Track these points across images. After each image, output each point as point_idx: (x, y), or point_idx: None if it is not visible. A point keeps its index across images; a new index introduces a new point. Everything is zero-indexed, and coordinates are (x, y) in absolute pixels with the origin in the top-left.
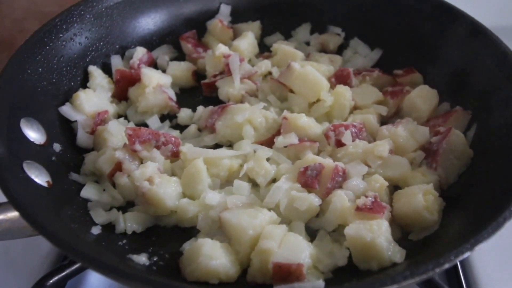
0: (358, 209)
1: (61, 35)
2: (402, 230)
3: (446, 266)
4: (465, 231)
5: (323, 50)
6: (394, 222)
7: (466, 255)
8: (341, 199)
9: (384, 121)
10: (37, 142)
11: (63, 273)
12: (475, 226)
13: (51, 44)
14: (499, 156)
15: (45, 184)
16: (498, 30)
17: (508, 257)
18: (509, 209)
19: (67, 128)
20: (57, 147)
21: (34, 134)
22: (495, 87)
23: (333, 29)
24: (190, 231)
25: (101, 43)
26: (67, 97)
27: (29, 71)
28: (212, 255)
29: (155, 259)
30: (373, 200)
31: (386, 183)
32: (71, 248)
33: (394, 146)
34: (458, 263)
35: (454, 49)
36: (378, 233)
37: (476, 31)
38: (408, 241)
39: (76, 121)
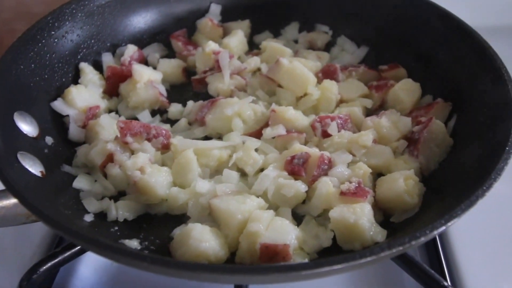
0: (342, 193)
1: (53, 32)
2: (384, 213)
3: (422, 239)
4: (442, 211)
5: (311, 47)
6: (377, 206)
7: (440, 229)
8: (326, 184)
9: (369, 113)
10: (30, 135)
11: (56, 260)
12: (451, 205)
13: (43, 41)
14: (476, 143)
15: (39, 174)
16: (489, 30)
17: (489, 242)
18: (482, 188)
19: (59, 122)
20: (49, 140)
21: (27, 127)
22: (474, 80)
23: (320, 27)
24: (180, 219)
25: (93, 41)
26: (59, 93)
27: (22, 66)
28: (201, 238)
29: (146, 244)
30: (357, 185)
31: (370, 170)
32: (68, 229)
33: (378, 136)
34: (440, 247)
35: (436, 45)
36: (360, 215)
37: (456, 28)
38: (390, 223)
39: (68, 115)
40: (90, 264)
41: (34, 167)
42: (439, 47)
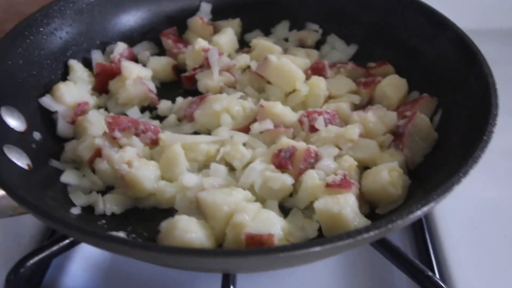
0: (328, 185)
1: (41, 29)
2: (370, 206)
3: (399, 222)
4: (421, 198)
5: (301, 46)
6: (363, 198)
7: (416, 214)
8: (312, 177)
9: (357, 110)
10: (17, 130)
11: (44, 254)
12: (430, 193)
13: (32, 37)
14: (459, 136)
15: (26, 167)
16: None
17: (477, 236)
18: (458, 174)
19: (47, 118)
20: (37, 135)
21: (14, 122)
22: (458, 75)
23: (310, 26)
24: (168, 212)
25: (82, 38)
26: (48, 89)
27: (9, 62)
28: (187, 229)
29: (133, 237)
30: (342, 177)
31: (356, 163)
32: (57, 219)
33: (364, 130)
34: (429, 241)
35: (422, 42)
36: (344, 205)
37: (440, 25)
38: (376, 215)
39: (56, 111)
40: (81, 262)
41: (21, 160)
42: (425, 44)
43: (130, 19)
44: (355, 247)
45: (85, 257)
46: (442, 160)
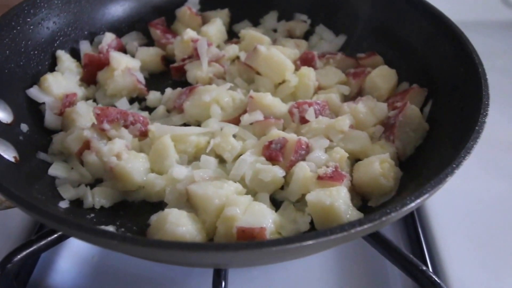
0: (320, 178)
1: (28, 19)
2: (362, 198)
3: (393, 215)
4: (415, 190)
5: (290, 36)
6: (355, 191)
7: (410, 206)
8: (304, 169)
9: (347, 101)
10: (4, 121)
11: (31, 249)
12: (423, 185)
13: (18, 28)
14: (450, 127)
15: (12, 160)
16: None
17: (471, 230)
18: (452, 166)
19: (34, 109)
20: (24, 127)
21: (0, 113)
22: (448, 65)
23: (299, 16)
24: (158, 206)
25: (70, 29)
26: (35, 80)
27: None
28: (178, 223)
29: (122, 230)
30: (334, 169)
31: (347, 154)
32: (44, 212)
33: (355, 122)
34: (421, 235)
35: (411, 33)
36: (336, 198)
37: (429, 15)
38: (368, 208)
39: (44, 103)
40: (70, 257)
41: (7, 152)
42: (414, 35)
43: (118, 9)
44: (349, 241)
45: (74, 253)
46: (433, 151)
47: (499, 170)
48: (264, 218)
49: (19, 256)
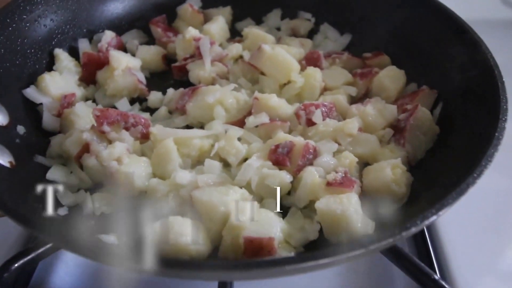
0: (329, 184)
1: (24, 16)
2: (372, 204)
3: (413, 230)
4: (432, 201)
5: (294, 35)
6: (364, 196)
7: (431, 219)
8: (312, 174)
9: (354, 102)
10: None
11: (29, 257)
12: (441, 194)
13: (14, 25)
14: (463, 131)
15: (7, 165)
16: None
17: (477, 235)
18: (473, 175)
19: (31, 110)
20: (21, 129)
21: None
22: (460, 67)
23: (303, 15)
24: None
25: (68, 26)
26: (32, 80)
27: None
28: (182, 232)
29: (124, 240)
30: (343, 175)
31: (356, 159)
32: (34, 224)
33: (364, 124)
34: (428, 240)
35: (419, 32)
36: (347, 206)
37: (439, 14)
38: (378, 214)
39: (41, 104)
40: (70, 262)
41: (2, 157)
42: (422, 34)
43: (118, 6)
44: (365, 257)
45: (74, 256)
46: (447, 156)
47: (509, 173)
48: (272, 227)
49: (16, 265)
